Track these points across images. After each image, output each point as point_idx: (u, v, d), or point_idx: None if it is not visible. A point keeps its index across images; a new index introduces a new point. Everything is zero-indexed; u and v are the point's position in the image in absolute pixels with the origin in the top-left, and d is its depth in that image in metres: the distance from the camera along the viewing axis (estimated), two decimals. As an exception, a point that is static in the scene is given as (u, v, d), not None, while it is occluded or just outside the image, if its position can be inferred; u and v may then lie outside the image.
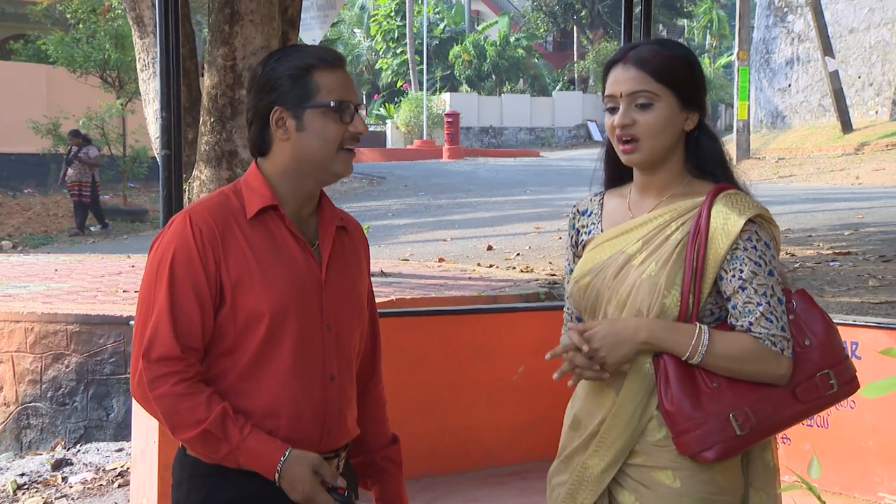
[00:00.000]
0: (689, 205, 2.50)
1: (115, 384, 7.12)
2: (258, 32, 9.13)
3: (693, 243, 2.45)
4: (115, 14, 22.08)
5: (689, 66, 2.53)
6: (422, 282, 9.45)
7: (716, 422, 2.40)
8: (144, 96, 9.95)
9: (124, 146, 22.33)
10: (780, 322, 2.41)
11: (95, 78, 22.21)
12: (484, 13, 56.77)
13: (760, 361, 2.40)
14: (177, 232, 2.47)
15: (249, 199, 2.52)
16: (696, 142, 2.55)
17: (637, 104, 2.49)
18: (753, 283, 2.41)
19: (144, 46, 9.85)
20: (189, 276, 2.43)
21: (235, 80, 8.90)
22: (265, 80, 2.53)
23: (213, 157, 9.02)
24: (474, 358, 5.95)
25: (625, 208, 2.62)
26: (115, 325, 7.11)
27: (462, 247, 14.40)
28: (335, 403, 2.55)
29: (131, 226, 20.95)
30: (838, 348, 2.49)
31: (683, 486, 2.45)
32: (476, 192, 22.02)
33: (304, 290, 2.51)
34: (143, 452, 5.25)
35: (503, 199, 20.79)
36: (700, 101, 2.54)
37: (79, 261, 11.94)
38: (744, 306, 2.41)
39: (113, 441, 7.07)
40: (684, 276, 2.45)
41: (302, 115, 2.48)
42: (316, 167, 2.51)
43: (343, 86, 2.52)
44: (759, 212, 2.46)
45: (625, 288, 2.51)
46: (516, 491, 5.54)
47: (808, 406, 2.45)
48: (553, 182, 25.42)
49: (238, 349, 2.46)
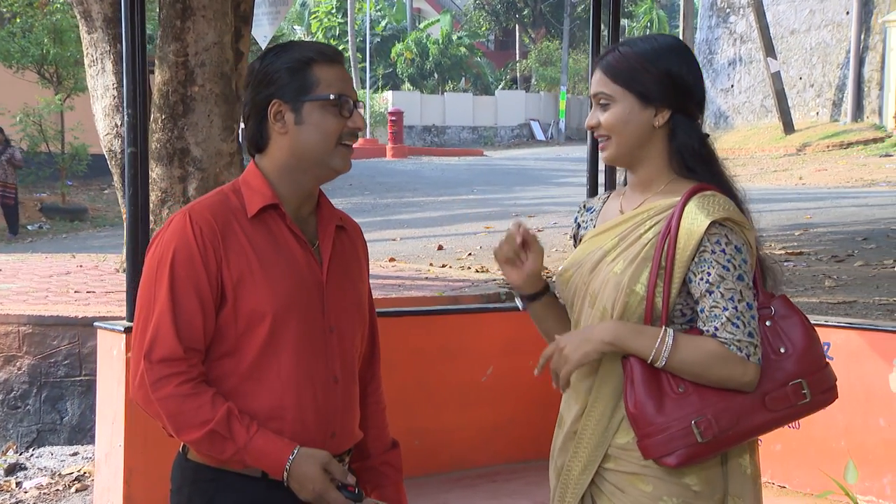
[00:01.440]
0: (666, 204, 2.50)
1: (69, 387, 6.96)
2: (211, 28, 9.00)
3: (662, 243, 2.44)
4: (54, 8, 21.73)
5: (651, 61, 2.51)
6: (378, 282, 9.36)
7: (678, 427, 2.38)
8: (93, 92, 9.77)
9: (63, 143, 21.97)
10: (748, 328, 2.38)
11: (32, 73, 21.81)
12: (426, 11, 56.73)
13: (725, 367, 2.37)
14: (177, 230, 2.43)
15: (250, 198, 2.48)
16: (673, 137, 2.54)
17: (600, 105, 2.56)
18: (721, 287, 2.39)
19: (93, 41, 9.66)
20: (190, 275, 2.40)
21: (187, 76, 8.77)
22: (263, 73, 2.49)
23: (165, 155, 8.87)
24: (442, 359, 5.91)
25: (618, 206, 2.64)
26: (70, 326, 6.95)
27: (412, 246, 14.33)
28: (339, 406, 2.53)
29: (70, 225, 20.62)
30: (816, 357, 2.46)
31: (656, 491, 2.45)
32: (423, 191, 21.98)
33: (305, 290, 2.48)
34: (108, 456, 5.16)
35: (450, 199, 20.76)
36: (669, 95, 2.51)
37: (21, 261, 11.69)
38: (710, 310, 2.40)
39: (67, 445, 6.91)
40: (650, 276, 2.44)
41: (301, 108, 2.45)
42: (314, 162, 2.48)
43: (342, 80, 2.50)
44: (728, 215, 2.43)
45: (595, 284, 2.53)
46: (486, 493, 5.51)
47: (777, 415, 2.42)
48: (499, 182, 25.44)
49: (240, 350, 2.43)
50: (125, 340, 4.96)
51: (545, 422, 6.01)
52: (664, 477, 2.44)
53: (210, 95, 9.03)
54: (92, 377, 6.86)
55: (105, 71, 9.60)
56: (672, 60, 2.53)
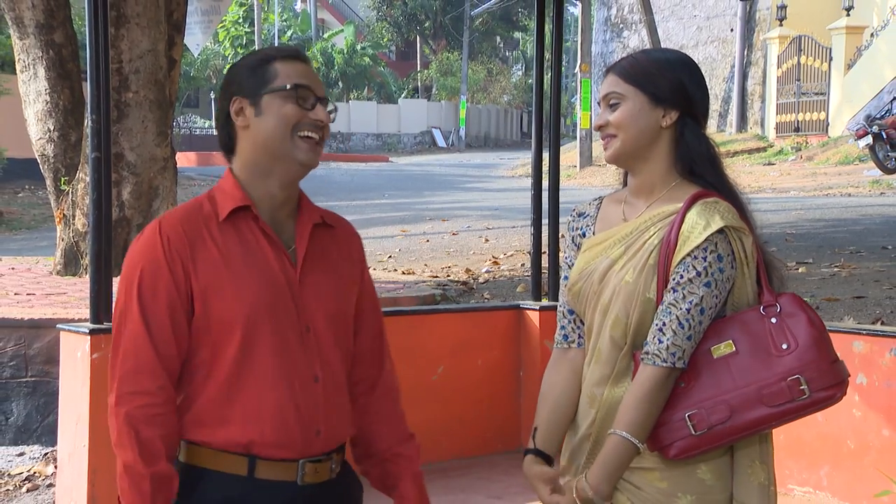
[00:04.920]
0: (669, 210, 2.53)
1: (14, 388, 6.97)
2: (144, 36, 9.07)
3: (664, 250, 2.48)
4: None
5: (666, 67, 2.57)
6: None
7: (676, 420, 2.46)
8: (25, 98, 9.72)
9: (-24, 147, 21.57)
10: (690, 331, 2.45)
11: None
12: (329, 22, 56.89)
13: (662, 392, 2.46)
14: (146, 243, 2.45)
15: (222, 202, 2.49)
16: (681, 139, 2.57)
17: (609, 105, 2.59)
18: (686, 288, 2.46)
19: (24, 48, 9.63)
20: (158, 288, 2.41)
21: (122, 82, 8.82)
22: (227, 76, 2.53)
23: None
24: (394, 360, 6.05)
25: (619, 212, 2.65)
26: (14, 328, 6.93)
27: (331, 251, 14.36)
28: (321, 405, 2.49)
29: (-16, 228, 20.22)
30: (820, 355, 2.46)
31: (671, 488, 2.50)
32: (335, 195, 22.00)
33: (277, 291, 2.46)
34: (71, 456, 5.21)
35: (364, 203, 20.84)
36: (679, 99, 2.55)
37: (-56, 264, 11.52)
38: (667, 307, 2.47)
39: (13, 445, 6.92)
40: (658, 283, 2.49)
41: (260, 101, 2.46)
42: (276, 154, 2.46)
43: (303, 74, 2.49)
44: (727, 223, 2.47)
45: (606, 294, 2.55)
46: (439, 489, 5.62)
47: (775, 410, 2.44)
48: (409, 187, 25.64)
49: (216, 358, 2.43)
50: (90, 342, 5.03)
51: (493, 419, 6.34)
52: (678, 471, 2.50)
53: (144, 102, 9.09)
54: (38, 378, 6.90)
55: (37, 76, 9.60)
56: (684, 72, 2.58)
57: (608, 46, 35.78)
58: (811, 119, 26.36)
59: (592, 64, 33.05)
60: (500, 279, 10.68)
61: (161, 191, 9.29)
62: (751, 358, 2.48)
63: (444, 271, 11.24)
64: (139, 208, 9.19)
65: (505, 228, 15.37)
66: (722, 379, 2.48)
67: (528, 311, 6.42)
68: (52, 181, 9.63)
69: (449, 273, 11.05)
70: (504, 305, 7.12)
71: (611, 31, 35.89)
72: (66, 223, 9.36)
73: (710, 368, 2.49)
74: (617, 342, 2.54)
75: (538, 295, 6.56)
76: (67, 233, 9.32)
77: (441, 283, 10.01)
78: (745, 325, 2.50)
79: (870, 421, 5.18)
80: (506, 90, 56.61)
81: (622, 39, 35.21)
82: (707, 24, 31.59)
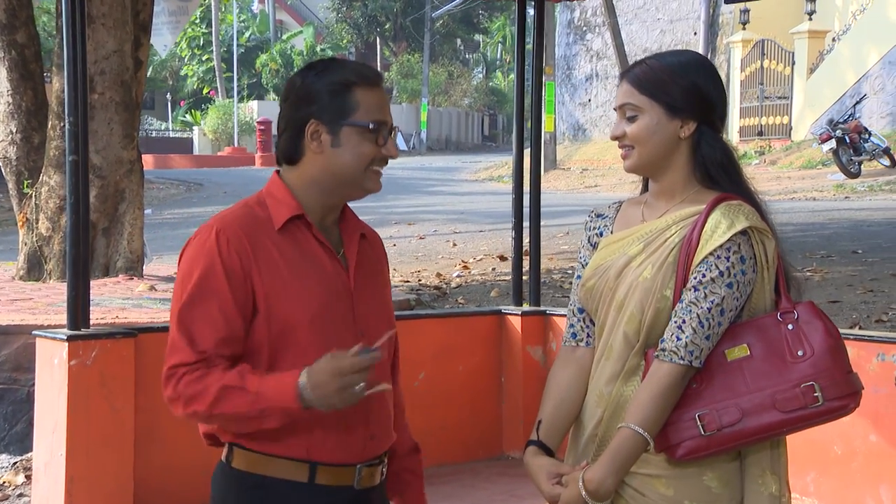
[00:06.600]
0: (691, 211, 2.53)
1: (-18, 397, 6.82)
2: (110, 36, 8.95)
3: (685, 249, 2.48)
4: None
5: (678, 72, 2.56)
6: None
7: (685, 420, 2.44)
8: (-16, 99, 9.58)
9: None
10: (709, 330, 2.43)
11: None
12: (287, 23, 56.60)
13: (676, 391, 2.44)
14: (201, 245, 2.45)
15: (276, 209, 2.51)
16: (698, 149, 2.56)
17: (627, 116, 2.58)
18: (707, 288, 2.44)
19: (-16, 49, 9.48)
20: (213, 289, 2.42)
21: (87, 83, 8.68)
22: (304, 91, 2.51)
23: (63, 163, 8.75)
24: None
25: (639, 213, 2.65)
26: (-16, 334, 6.80)
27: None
28: (375, 409, 2.55)
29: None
30: (836, 364, 2.45)
31: (677, 495, 2.48)
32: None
33: (335, 297, 2.51)
34: (47, 465, 5.10)
35: (326, 207, 20.77)
36: (695, 106, 2.55)
37: None
38: (688, 305, 2.45)
39: (-20, 456, 6.78)
40: (676, 282, 2.48)
41: (339, 130, 2.48)
42: (345, 183, 2.51)
43: (381, 107, 2.52)
44: (751, 223, 2.47)
45: (622, 290, 2.54)
46: (422, 496, 5.62)
47: (788, 417, 2.42)
48: (371, 190, 25.55)
49: (276, 361, 2.45)
50: (68, 349, 4.92)
51: (475, 426, 6.27)
52: (684, 477, 2.48)
53: (110, 103, 8.97)
54: (6, 386, 6.74)
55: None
56: (699, 74, 2.56)
57: (571, 49, 35.91)
58: (774, 123, 26.59)
59: (556, 67, 33.17)
60: (473, 283, 10.64)
61: (127, 194, 9.17)
62: (765, 363, 2.47)
63: (414, 276, 11.18)
64: (105, 212, 9.07)
65: (472, 232, 15.34)
66: (735, 382, 2.46)
67: (510, 316, 6.35)
68: (15, 184, 9.49)
69: (420, 278, 10.99)
70: (485, 311, 7.08)
71: (573, 33, 36.03)
72: (30, 227, 9.21)
73: (723, 371, 2.47)
74: (630, 339, 2.53)
75: (519, 300, 6.50)
76: (31, 237, 9.17)
77: (414, 287, 9.94)
78: (760, 330, 2.49)
79: (857, 427, 5.16)
80: (466, 93, 56.60)
81: (585, 42, 35.37)
82: (671, 28, 31.77)
